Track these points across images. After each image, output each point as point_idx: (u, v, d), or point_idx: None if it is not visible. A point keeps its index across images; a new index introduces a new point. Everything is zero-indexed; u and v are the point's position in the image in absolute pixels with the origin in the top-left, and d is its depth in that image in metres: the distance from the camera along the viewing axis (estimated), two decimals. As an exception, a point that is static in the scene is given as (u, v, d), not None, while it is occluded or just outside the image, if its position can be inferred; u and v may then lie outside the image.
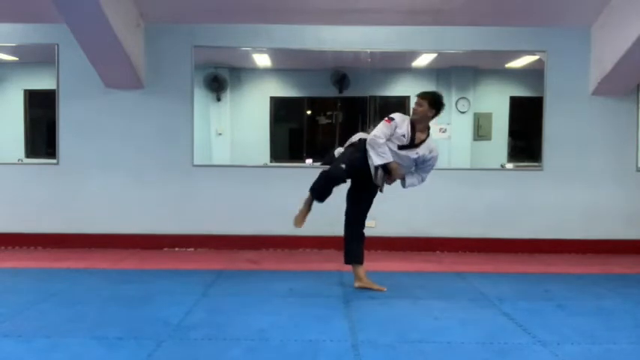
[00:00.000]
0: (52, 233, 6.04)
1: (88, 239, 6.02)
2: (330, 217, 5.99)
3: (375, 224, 5.33)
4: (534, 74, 6.24)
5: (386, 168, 4.18)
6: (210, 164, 6.57)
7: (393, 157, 4.16)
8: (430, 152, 4.24)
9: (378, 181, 4.26)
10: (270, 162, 7.38)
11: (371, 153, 4.16)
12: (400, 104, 7.39)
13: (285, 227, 6.05)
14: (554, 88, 6.04)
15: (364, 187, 4.35)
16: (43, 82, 6.56)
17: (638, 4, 5.11)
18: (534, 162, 6.27)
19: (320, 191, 4.31)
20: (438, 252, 6.04)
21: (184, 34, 5.99)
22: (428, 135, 4.26)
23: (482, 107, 7.50)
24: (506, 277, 5.00)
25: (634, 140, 6.07)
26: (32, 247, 6.04)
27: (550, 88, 6.05)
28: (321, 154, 7.39)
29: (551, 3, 5.63)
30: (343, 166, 4.20)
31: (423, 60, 6.84)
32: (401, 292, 4.34)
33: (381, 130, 4.17)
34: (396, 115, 4.24)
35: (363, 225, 4.42)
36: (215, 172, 6.21)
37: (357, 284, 4.38)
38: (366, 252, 4.33)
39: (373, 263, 4.80)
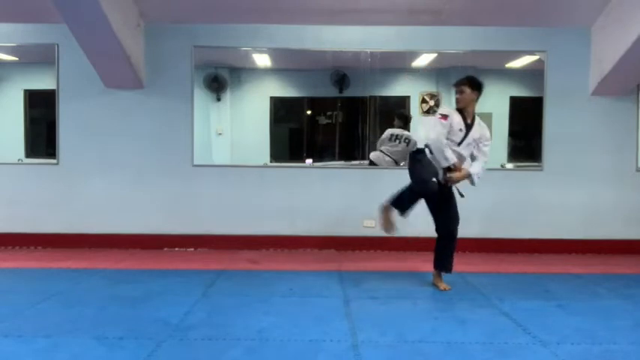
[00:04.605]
0: (52, 233, 6.04)
1: (88, 239, 6.02)
2: (330, 217, 6.04)
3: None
4: (534, 74, 6.23)
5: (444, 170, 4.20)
6: (210, 164, 6.57)
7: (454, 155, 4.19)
8: (483, 130, 4.30)
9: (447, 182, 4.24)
10: (270, 162, 7.38)
11: (437, 156, 4.12)
12: (400, 104, 7.40)
13: (285, 227, 6.11)
14: (554, 88, 6.05)
15: (443, 197, 4.32)
16: (43, 82, 6.56)
17: (638, 4, 5.12)
18: (534, 162, 6.26)
19: (406, 206, 4.35)
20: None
21: (184, 34, 6.00)
22: (474, 118, 4.31)
23: (482, 107, 7.44)
24: (506, 277, 5.00)
25: (634, 140, 6.08)
26: (32, 247, 6.04)
27: (550, 88, 6.06)
28: (320, 154, 7.40)
29: (551, 3, 5.63)
30: (434, 179, 4.17)
31: (423, 60, 6.84)
32: (401, 292, 4.35)
33: (439, 131, 4.12)
34: (447, 110, 4.25)
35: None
36: (215, 172, 6.21)
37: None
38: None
39: (373, 263, 4.80)
